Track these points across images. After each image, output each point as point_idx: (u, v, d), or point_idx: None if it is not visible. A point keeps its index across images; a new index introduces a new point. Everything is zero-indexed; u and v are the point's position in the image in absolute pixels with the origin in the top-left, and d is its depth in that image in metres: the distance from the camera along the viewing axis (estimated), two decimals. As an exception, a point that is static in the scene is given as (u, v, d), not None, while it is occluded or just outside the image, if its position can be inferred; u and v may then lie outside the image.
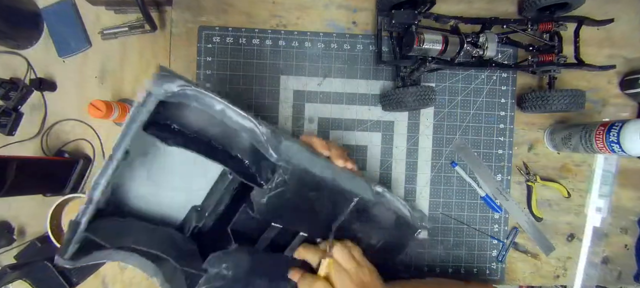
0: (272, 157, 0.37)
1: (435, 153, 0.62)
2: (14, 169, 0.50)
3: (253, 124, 0.36)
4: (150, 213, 0.41)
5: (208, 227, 0.44)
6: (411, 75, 0.58)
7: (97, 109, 0.52)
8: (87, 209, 0.33)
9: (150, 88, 0.32)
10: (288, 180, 0.39)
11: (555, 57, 0.57)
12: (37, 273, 0.57)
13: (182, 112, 0.36)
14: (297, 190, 0.40)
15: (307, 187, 0.41)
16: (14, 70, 0.61)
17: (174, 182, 0.41)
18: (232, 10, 0.61)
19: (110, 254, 0.35)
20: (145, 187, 0.40)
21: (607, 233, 0.63)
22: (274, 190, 0.39)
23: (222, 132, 0.37)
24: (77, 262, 0.34)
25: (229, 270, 0.41)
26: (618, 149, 0.50)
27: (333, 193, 0.43)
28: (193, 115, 0.36)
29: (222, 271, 0.40)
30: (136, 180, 0.39)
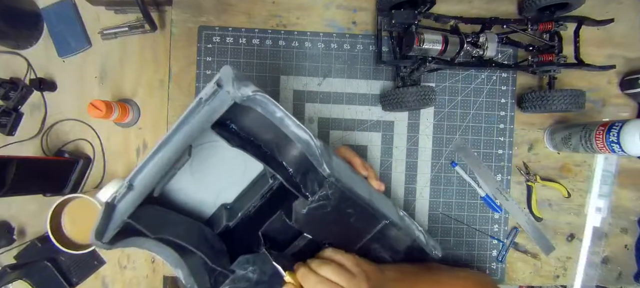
0: (325, 171, 0.37)
1: (435, 153, 0.62)
2: (14, 169, 0.50)
3: (309, 135, 0.36)
4: (185, 205, 0.42)
5: (237, 225, 0.44)
6: (411, 75, 0.58)
7: (97, 109, 0.53)
8: (127, 194, 0.34)
9: (230, 89, 0.32)
10: (331, 195, 0.39)
11: (555, 57, 0.57)
12: (37, 273, 0.57)
13: (242, 115, 0.36)
14: (337, 206, 0.41)
15: (346, 203, 0.41)
16: (14, 70, 0.61)
17: (209, 178, 0.42)
18: (232, 10, 0.61)
19: (142, 242, 0.36)
20: (186, 180, 0.41)
21: (607, 233, 0.63)
22: (316, 202, 0.39)
23: (274, 138, 0.38)
24: (113, 245, 0.35)
25: (254, 273, 0.41)
26: (618, 149, 0.50)
27: (366, 213, 0.43)
28: (250, 119, 0.37)
29: (248, 273, 0.41)
30: (181, 172, 0.39)
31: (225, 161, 0.41)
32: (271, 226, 0.42)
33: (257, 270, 0.42)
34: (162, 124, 0.62)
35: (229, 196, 0.44)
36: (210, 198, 0.44)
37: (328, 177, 0.38)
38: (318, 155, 0.36)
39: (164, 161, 0.34)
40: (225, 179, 0.43)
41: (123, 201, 0.35)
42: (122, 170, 0.62)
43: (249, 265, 0.41)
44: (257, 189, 0.43)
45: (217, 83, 0.32)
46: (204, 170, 0.41)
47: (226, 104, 0.33)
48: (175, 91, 0.60)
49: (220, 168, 0.42)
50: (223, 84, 0.32)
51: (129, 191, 0.34)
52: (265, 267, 0.42)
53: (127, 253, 0.63)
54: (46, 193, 0.60)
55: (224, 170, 0.42)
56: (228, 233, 0.44)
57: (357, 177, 0.43)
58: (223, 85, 0.32)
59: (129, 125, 0.62)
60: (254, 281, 0.42)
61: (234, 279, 0.41)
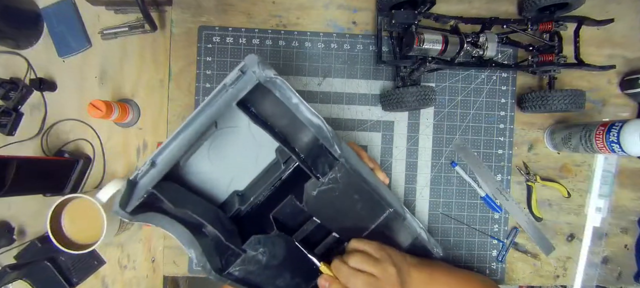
0: (336, 152, 0.40)
1: (435, 153, 0.62)
2: (14, 169, 0.50)
3: (321, 121, 0.39)
4: (200, 189, 0.44)
5: (247, 212, 0.46)
6: (411, 75, 0.58)
7: (97, 109, 0.53)
8: (149, 171, 0.36)
9: (255, 69, 0.35)
10: (340, 178, 0.42)
11: (555, 57, 0.57)
12: (37, 273, 0.57)
13: (261, 99, 0.39)
14: (345, 190, 0.43)
15: (354, 188, 0.44)
16: (14, 70, 0.61)
17: (224, 165, 0.44)
18: (232, 10, 0.61)
19: (160, 219, 0.38)
20: (203, 163, 0.43)
21: (607, 233, 0.63)
22: (326, 185, 0.42)
23: (288, 124, 0.41)
24: (134, 217, 0.37)
25: (264, 255, 0.43)
26: (618, 149, 0.50)
27: (372, 200, 0.45)
28: (268, 103, 0.39)
29: (258, 255, 0.43)
30: (198, 156, 0.42)
31: (239, 149, 0.44)
32: (282, 211, 0.44)
33: (267, 253, 0.43)
34: (162, 124, 0.62)
35: (241, 184, 0.46)
36: (223, 185, 0.46)
37: (339, 157, 0.40)
38: (330, 138, 0.40)
39: (187, 140, 0.36)
40: (239, 167, 0.45)
41: (145, 177, 0.37)
42: (122, 170, 0.62)
43: (260, 246, 0.42)
44: (268, 177, 0.45)
45: (242, 69, 0.35)
46: (220, 156, 0.44)
47: (251, 83, 0.35)
48: (175, 91, 0.60)
49: (234, 155, 0.44)
50: (248, 68, 0.35)
51: (151, 168, 0.37)
52: (275, 250, 0.43)
53: (127, 253, 0.63)
54: (46, 193, 0.60)
55: (238, 157, 0.44)
56: (240, 218, 0.46)
57: (364, 166, 0.44)
58: (247, 69, 0.35)
59: (129, 125, 0.62)
60: (264, 263, 0.43)
61: (245, 259, 0.42)
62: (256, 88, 0.37)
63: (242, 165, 0.46)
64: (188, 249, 0.40)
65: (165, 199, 0.38)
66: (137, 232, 0.63)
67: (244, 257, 0.42)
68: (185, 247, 0.39)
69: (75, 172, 0.60)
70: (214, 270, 0.40)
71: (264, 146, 0.45)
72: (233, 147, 0.44)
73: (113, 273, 0.62)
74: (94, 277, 0.61)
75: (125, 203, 0.37)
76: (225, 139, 0.43)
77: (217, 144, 0.43)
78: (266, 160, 0.46)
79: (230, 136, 0.44)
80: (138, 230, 0.63)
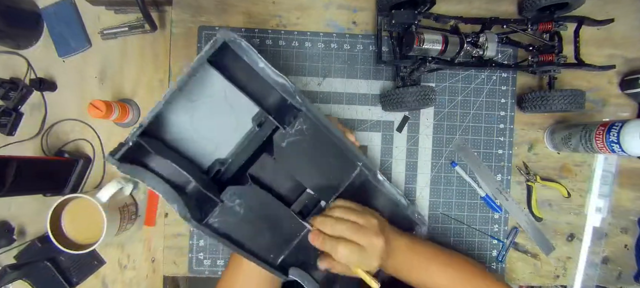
0: (297, 102, 0.44)
1: (435, 153, 0.62)
2: (14, 169, 0.50)
3: (285, 79, 0.43)
4: (184, 154, 0.48)
5: (228, 177, 0.49)
6: (411, 75, 0.58)
7: (97, 109, 0.53)
8: (138, 132, 0.41)
9: (220, 34, 0.40)
10: (306, 130, 0.46)
11: (555, 57, 0.57)
12: (37, 273, 0.57)
13: (233, 64, 0.43)
14: (313, 143, 0.47)
15: (321, 141, 0.47)
16: (14, 70, 0.61)
17: (207, 131, 0.48)
18: (232, 10, 0.61)
19: (145, 174, 0.42)
20: (186, 130, 0.47)
21: (607, 233, 0.63)
22: (293, 135, 0.46)
23: (258, 88, 0.45)
24: (121, 164, 0.41)
25: (241, 207, 0.46)
26: (618, 149, 0.50)
27: (342, 154, 0.48)
28: (239, 70, 0.44)
29: (235, 206, 0.46)
30: (180, 121, 0.46)
31: (218, 119, 0.48)
32: (259, 170, 0.48)
33: (244, 205, 0.46)
34: (162, 124, 0.62)
35: (222, 152, 0.49)
36: (207, 151, 0.49)
37: (300, 107, 0.44)
38: (292, 91, 0.44)
39: (167, 98, 0.42)
40: (219, 136, 0.49)
41: (131, 137, 0.41)
42: (122, 170, 0.62)
43: (236, 198, 0.46)
44: (246, 144, 0.49)
45: (214, 41, 0.41)
46: (202, 124, 0.47)
47: (218, 42, 0.40)
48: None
49: (214, 125, 0.48)
50: (217, 36, 0.41)
51: (139, 129, 0.41)
52: (252, 203, 0.46)
53: (127, 253, 0.63)
54: (46, 193, 0.60)
55: (217, 128, 0.48)
56: (221, 182, 0.49)
57: (330, 122, 0.47)
58: (216, 38, 0.41)
59: (129, 125, 0.62)
60: (242, 216, 0.46)
61: (223, 209, 0.45)
62: (227, 55, 0.42)
63: (222, 135, 0.49)
64: (172, 203, 0.43)
65: (149, 148, 0.42)
66: (137, 232, 0.63)
67: (222, 206, 0.45)
68: (168, 201, 0.43)
69: (75, 172, 0.60)
70: (195, 219, 0.44)
71: (241, 116, 0.48)
72: (212, 118, 0.48)
73: (113, 273, 0.62)
74: (94, 277, 0.61)
75: (115, 152, 0.41)
76: (205, 109, 0.47)
77: (199, 114, 0.47)
78: (245, 127, 0.49)
79: (209, 106, 0.47)
80: (138, 230, 0.63)
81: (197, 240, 0.61)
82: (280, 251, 0.49)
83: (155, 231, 0.62)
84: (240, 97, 0.45)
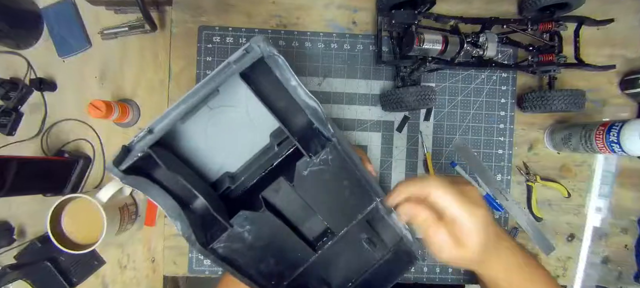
0: (329, 131, 0.41)
1: (435, 154, 0.62)
2: (14, 169, 0.50)
3: (316, 103, 0.41)
4: (193, 164, 0.45)
5: (237, 194, 0.46)
6: (411, 75, 0.58)
7: (97, 109, 0.52)
8: (146, 138, 0.37)
9: (260, 44, 0.37)
10: (331, 161, 0.43)
11: (555, 57, 0.57)
12: (37, 273, 0.57)
13: (262, 79, 0.41)
14: (335, 174, 0.43)
15: (343, 173, 0.44)
16: (14, 70, 0.61)
17: (220, 144, 0.45)
18: (232, 10, 0.61)
19: (150, 187, 0.39)
20: (199, 140, 0.44)
21: (607, 233, 0.63)
22: (317, 165, 0.42)
23: (286, 107, 0.42)
24: (126, 177, 0.37)
25: (250, 234, 0.42)
26: (618, 149, 0.50)
27: (360, 187, 0.45)
28: (268, 84, 0.41)
29: (244, 233, 0.42)
30: (196, 130, 0.44)
31: (235, 131, 0.45)
32: (272, 194, 0.44)
33: (253, 232, 0.42)
34: (162, 124, 0.62)
35: (233, 166, 0.47)
36: (216, 165, 0.46)
37: (331, 137, 0.41)
38: (324, 119, 0.41)
39: (185, 110, 0.38)
40: (233, 148, 0.46)
41: (141, 142, 0.37)
42: (122, 170, 0.62)
43: (247, 224, 0.42)
44: (260, 161, 0.46)
45: (246, 49, 0.37)
46: (216, 135, 0.45)
47: (255, 56, 0.37)
48: (175, 91, 0.60)
49: (229, 136, 0.45)
50: (253, 46, 0.37)
51: (148, 135, 0.37)
52: (261, 230, 0.43)
53: (127, 253, 0.63)
54: (46, 193, 0.60)
55: (233, 139, 0.45)
56: (229, 200, 0.46)
57: (354, 152, 0.45)
58: (252, 48, 0.37)
59: (129, 125, 0.62)
60: (248, 243, 0.43)
61: (230, 235, 0.42)
62: (258, 67, 0.38)
63: (236, 147, 0.46)
64: (174, 221, 0.40)
65: (160, 162, 0.38)
66: (137, 232, 0.63)
67: (230, 232, 0.41)
68: (171, 218, 0.39)
69: (75, 172, 0.60)
70: (199, 243, 0.40)
71: (259, 130, 0.46)
72: (229, 128, 0.45)
73: (113, 273, 0.62)
74: (94, 277, 0.61)
75: (119, 162, 0.37)
76: (223, 118, 0.44)
77: (215, 121, 0.44)
78: (260, 144, 0.47)
79: (228, 116, 0.44)
80: (138, 230, 0.63)
81: (197, 240, 0.61)
82: (282, 279, 0.46)
83: (155, 231, 0.62)
84: (262, 112, 0.41)
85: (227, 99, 0.43)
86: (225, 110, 0.44)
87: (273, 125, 0.47)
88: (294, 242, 0.45)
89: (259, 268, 0.44)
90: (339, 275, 0.49)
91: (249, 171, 0.46)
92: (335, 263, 0.49)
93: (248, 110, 0.45)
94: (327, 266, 0.49)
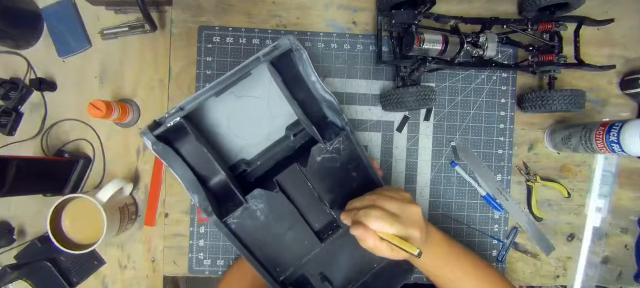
0: (344, 120, 0.46)
1: (435, 153, 0.62)
2: (14, 169, 0.50)
3: (333, 98, 0.45)
4: (214, 145, 0.49)
5: (250, 180, 0.49)
6: (411, 75, 0.58)
7: (97, 109, 0.53)
8: (176, 114, 0.41)
9: (288, 38, 0.42)
10: (342, 150, 0.47)
11: (555, 57, 0.57)
12: (37, 273, 0.57)
13: (286, 72, 0.44)
14: (345, 163, 0.47)
15: (352, 163, 0.48)
16: (14, 70, 0.61)
17: (241, 130, 0.49)
18: (232, 10, 0.61)
19: (174, 159, 0.43)
20: (221, 125, 0.48)
21: (607, 233, 0.63)
22: (330, 152, 0.46)
23: (304, 99, 0.46)
24: (156, 143, 0.41)
25: (262, 213, 0.46)
26: (618, 149, 0.50)
27: (367, 179, 0.48)
28: (291, 77, 0.45)
29: (257, 211, 0.46)
30: (219, 116, 0.48)
31: (255, 120, 0.49)
32: (285, 178, 0.46)
33: (265, 212, 0.46)
34: (162, 124, 0.62)
35: (249, 153, 0.50)
36: (235, 148, 0.50)
37: (344, 126, 0.45)
38: (338, 110, 0.45)
39: (215, 93, 0.42)
40: (251, 136, 0.49)
41: (172, 117, 0.41)
42: (122, 170, 0.62)
43: (261, 203, 0.45)
44: (275, 150, 0.49)
45: (275, 46, 0.42)
46: (237, 121, 0.48)
47: (284, 47, 0.42)
48: (175, 91, 0.61)
49: (249, 125, 0.49)
50: (283, 40, 0.42)
51: (179, 111, 0.41)
52: (273, 212, 0.46)
53: (127, 253, 0.63)
54: (46, 193, 0.60)
55: (252, 128, 0.49)
56: (244, 184, 0.49)
57: (362, 148, 0.48)
58: (282, 42, 0.42)
59: (129, 125, 0.62)
60: (260, 223, 0.46)
61: (244, 211, 0.45)
62: (284, 61, 0.43)
63: (254, 136, 0.50)
64: (192, 194, 0.43)
65: (190, 130, 0.42)
66: (137, 232, 0.63)
67: (244, 207, 0.44)
68: (189, 191, 0.43)
69: (75, 172, 0.60)
70: (216, 215, 0.43)
71: (277, 122, 0.49)
72: (250, 117, 0.49)
73: (113, 273, 0.62)
74: (94, 277, 0.61)
75: (153, 129, 0.41)
76: (246, 107, 0.48)
77: (238, 110, 0.48)
78: (277, 134, 0.50)
79: (250, 105, 0.48)
80: (138, 230, 0.63)
81: (197, 240, 0.61)
82: (287, 267, 0.48)
83: (155, 231, 0.62)
84: (281, 105, 0.46)
85: (251, 89, 0.48)
86: (248, 100, 0.48)
87: (290, 119, 0.50)
88: (303, 229, 0.48)
89: (265, 252, 0.47)
90: (341, 276, 0.50)
91: (263, 159, 0.49)
92: (338, 261, 0.50)
93: (269, 102, 0.49)
94: (329, 263, 0.50)
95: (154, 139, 0.41)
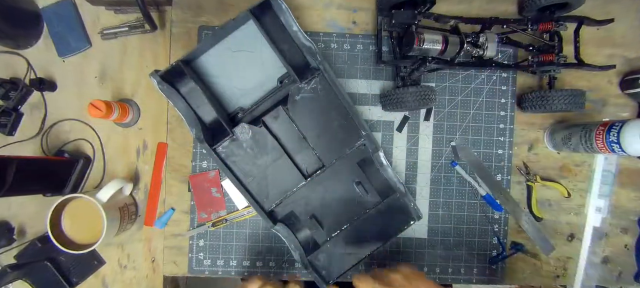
0: (317, 60, 0.50)
1: (435, 153, 0.62)
2: (14, 169, 0.50)
3: (311, 43, 0.50)
4: (215, 95, 0.55)
5: (244, 121, 0.53)
6: (411, 75, 0.58)
7: (97, 109, 0.53)
8: (182, 58, 0.49)
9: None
10: (320, 90, 0.51)
11: (555, 57, 0.57)
12: (37, 273, 0.57)
13: (271, 23, 0.50)
14: (325, 105, 0.52)
15: (332, 104, 0.52)
16: (14, 70, 0.61)
17: (238, 81, 0.55)
18: (232, 10, 0.61)
19: (176, 96, 0.50)
20: (221, 76, 0.54)
21: (607, 233, 0.63)
22: (308, 92, 0.51)
23: (288, 49, 0.51)
24: (161, 83, 0.49)
25: (248, 146, 0.52)
26: (618, 149, 0.50)
27: (348, 121, 0.52)
28: (274, 30, 0.50)
29: (243, 143, 0.52)
30: (219, 68, 0.54)
31: (250, 71, 0.54)
32: (272, 120, 0.52)
33: (251, 146, 0.52)
34: (162, 124, 0.62)
35: (246, 102, 0.55)
36: (232, 97, 0.55)
37: (319, 65, 0.50)
38: (317, 53, 0.50)
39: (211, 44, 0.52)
40: (247, 86, 0.55)
41: (179, 61, 0.49)
42: (122, 170, 0.62)
43: (246, 135, 0.51)
44: (269, 97, 0.54)
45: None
46: (235, 73, 0.54)
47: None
48: (175, 91, 0.61)
49: (245, 75, 0.54)
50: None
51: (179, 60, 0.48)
52: (259, 145, 0.52)
53: (127, 253, 0.63)
54: (46, 193, 0.60)
55: (248, 78, 0.55)
56: (237, 124, 0.53)
57: (343, 89, 0.52)
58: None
59: (129, 125, 0.62)
60: (247, 156, 0.52)
61: (232, 140, 0.51)
62: (268, 14, 0.49)
63: (248, 87, 0.55)
64: (191, 128, 0.49)
65: (186, 70, 0.49)
66: (137, 232, 0.63)
67: (231, 138, 0.51)
68: (188, 124, 0.49)
69: (75, 172, 0.60)
70: (207, 142, 0.50)
71: (269, 72, 0.54)
72: (245, 69, 0.54)
73: (113, 273, 0.62)
74: (94, 277, 0.61)
75: (159, 71, 0.49)
76: (241, 60, 0.54)
77: (234, 63, 0.54)
78: (269, 85, 0.55)
79: (245, 59, 0.54)
80: (138, 230, 0.63)
81: (197, 240, 0.61)
82: (274, 199, 0.53)
83: (155, 231, 0.62)
84: (271, 57, 0.52)
85: (245, 44, 0.53)
86: (243, 54, 0.54)
87: (282, 70, 0.53)
88: (286, 163, 0.53)
89: (254, 182, 0.53)
90: (331, 218, 0.56)
91: (257, 105, 0.54)
92: (327, 203, 0.55)
93: (262, 55, 0.54)
94: (318, 204, 0.54)
95: (159, 79, 0.48)
